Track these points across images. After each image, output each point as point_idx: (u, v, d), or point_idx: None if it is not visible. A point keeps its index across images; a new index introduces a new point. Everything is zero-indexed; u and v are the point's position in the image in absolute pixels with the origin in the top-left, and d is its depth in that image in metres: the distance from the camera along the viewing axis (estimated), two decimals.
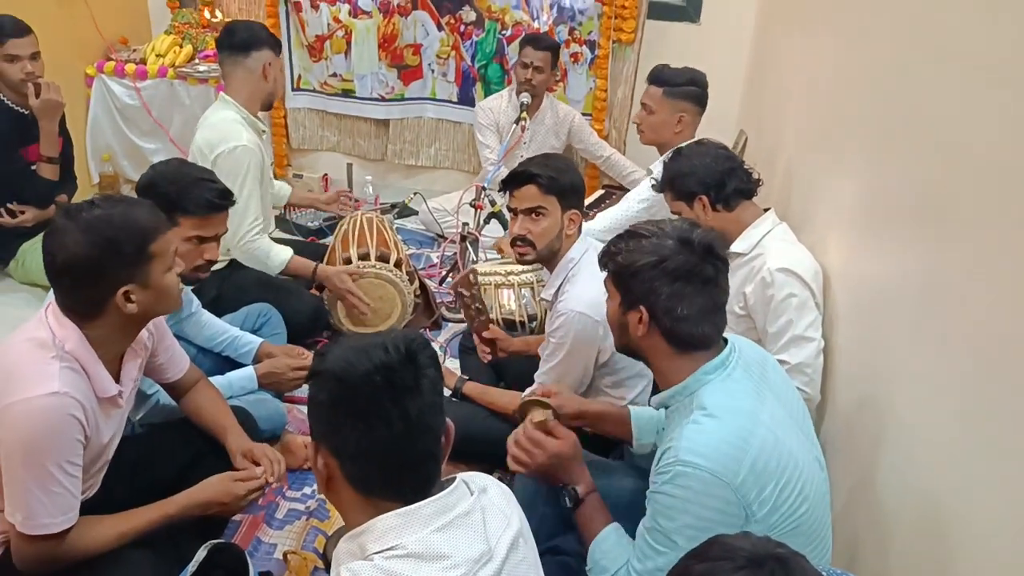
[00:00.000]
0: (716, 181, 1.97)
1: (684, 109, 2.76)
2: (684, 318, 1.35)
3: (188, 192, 1.90)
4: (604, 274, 1.47)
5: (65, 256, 1.39)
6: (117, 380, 1.55)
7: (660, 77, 2.77)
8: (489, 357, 2.32)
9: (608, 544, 1.46)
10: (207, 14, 3.86)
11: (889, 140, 1.67)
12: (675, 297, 1.34)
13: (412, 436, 1.01)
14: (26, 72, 2.80)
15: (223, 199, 1.96)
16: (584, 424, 1.70)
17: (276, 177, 4.02)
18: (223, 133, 2.51)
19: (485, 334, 2.30)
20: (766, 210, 2.05)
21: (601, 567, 1.43)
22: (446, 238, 3.47)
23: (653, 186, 2.34)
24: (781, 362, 1.79)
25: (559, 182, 1.95)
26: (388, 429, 1.00)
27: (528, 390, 2.04)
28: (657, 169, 2.53)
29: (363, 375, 1.00)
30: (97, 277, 1.42)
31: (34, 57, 2.84)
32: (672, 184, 2.05)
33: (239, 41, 2.62)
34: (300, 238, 3.40)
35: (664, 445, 1.35)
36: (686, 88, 2.76)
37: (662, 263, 1.35)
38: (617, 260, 1.41)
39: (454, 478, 1.07)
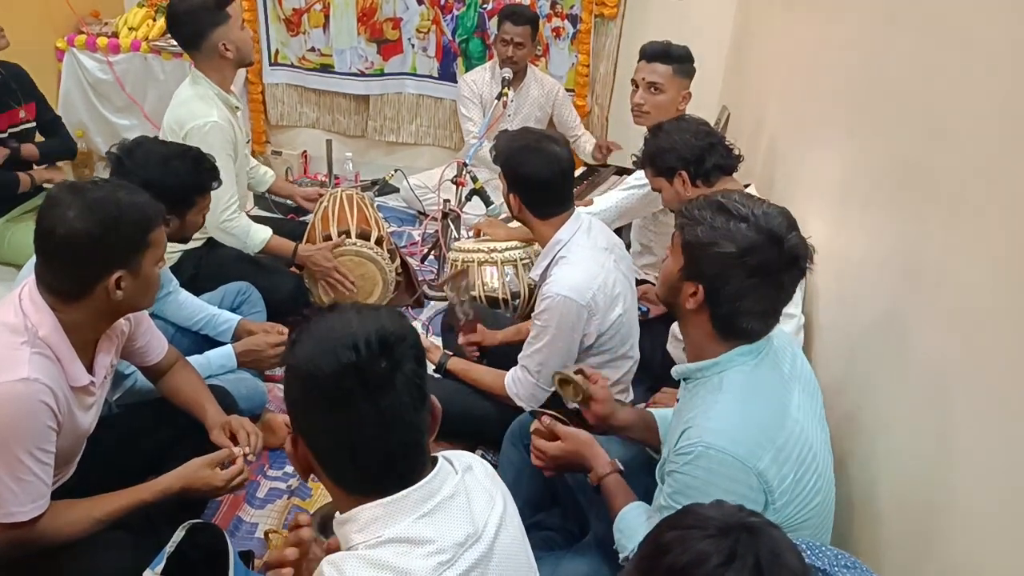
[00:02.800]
0: (695, 156, 1.96)
1: (686, 86, 2.71)
2: (742, 312, 1.29)
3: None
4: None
5: (66, 230, 1.37)
6: (91, 368, 1.52)
7: (669, 54, 2.65)
8: (477, 354, 2.30)
9: (625, 522, 1.44)
10: None
11: (870, 116, 1.66)
12: (743, 291, 1.27)
13: (387, 434, 0.97)
14: None
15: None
16: (608, 432, 1.66)
17: (255, 155, 3.98)
18: (193, 110, 2.46)
19: (470, 337, 2.28)
20: (747, 186, 2.04)
21: (622, 545, 1.42)
22: (427, 215, 3.44)
23: (634, 162, 2.32)
24: None
25: (501, 156, 1.99)
26: (360, 430, 0.96)
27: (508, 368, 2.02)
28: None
29: (332, 376, 0.94)
30: (94, 256, 1.40)
31: None
32: (652, 160, 2.04)
33: (184, 39, 2.53)
34: (279, 215, 3.36)
35: (684, 422, 1.31)
36: (690, 66, 2.69)
37: (744, 256, 1.25)
38: (697, 232, 1.30)
39: (436, 458, 1.05)
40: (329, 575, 0.95)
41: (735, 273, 1.27)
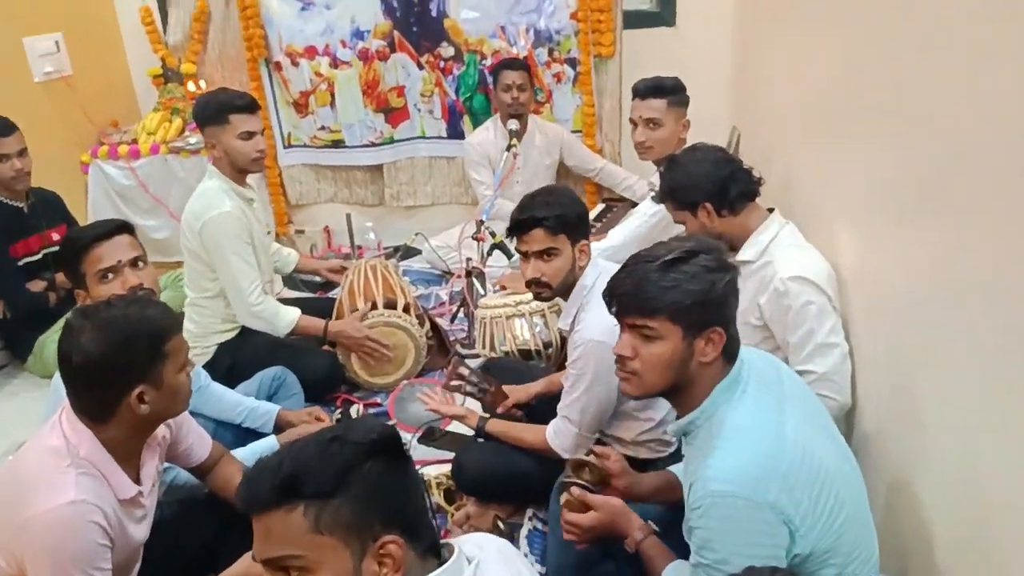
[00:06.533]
0: (718, 188, 1.91)
1: (684, 115, 2.74)
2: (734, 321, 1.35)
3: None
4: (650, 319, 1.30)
5: (81, 356, 1.41)
6: (137, 478, 1.55)
7: (661, 87, 2.70)
8: (520, 413, 2.28)
9: None
10: (191, 86, 3.91)
11: (894, 124, 1.59)
12: (736, 305, 1.34)
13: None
14: (15, 169, 2.87)
15: (111, 226, 1.96)
16: (638, 498, 1.63)
17: (279, 236, 4.07)
18: (207, 203, 2.54)
19: (505, 404, 2.27)
20: (770, 210, 2.00)
21: None
22: (453, 273, 3.46)
23: (653, 198, 2.31)
24: (808, 372, 1.75)
25: (565, 219, 1.91)
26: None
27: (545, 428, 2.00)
28: (658, 181, 2.50)
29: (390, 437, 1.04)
30: (111, 377, 1.43)
31: (21, 154, 2.90)
32: (672, 195, 1.99)
33: (195, 121, 2.68)
34: (309, 294, 3.41)
35: (691, 477, 1.31)
36: (684, 95, 2.74)
37: (735, 276, 1.33)
38: (679, 295, 1.27)
39: (451, 546, 1.07)
40: None
41: (734, 295, 1.33)
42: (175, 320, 1.54)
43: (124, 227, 1.98)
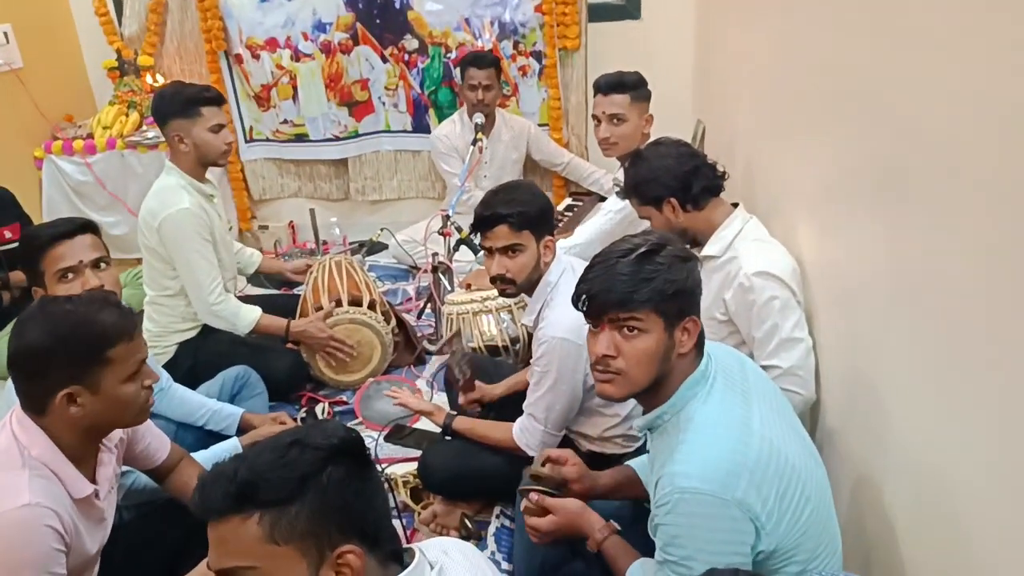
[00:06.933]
0: (681, 183, 1.91)
1: (646, 110, 2.75)
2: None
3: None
4: (637, 313, 1.28)
5: (19, 345, 1.40)
6: (93, 479, 1.51)
7: (623, 83, 2.71)
8: (478, 410, 2.28)
9: None
10: (149, 79, 3.82)
11: (850, 116, 1.60)
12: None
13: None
14: None
15: (74, 225, 1.90)
16: (597, 497, 1.64)
17: (242, 232, 4.00)
18: (164, 200, 2.48)
19: (469, 396, 2.26)
20: (734, 205, 2.01)
21: None
22: (419, 268, 3.43)
23: (617, 193, 2.30)
24: (773, 367, 1.76)
25: (529, 215, 1.90)
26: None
27: (526, 446, 1.98)
28: (623, 177, 2.50)
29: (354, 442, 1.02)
30: (41, 371, 1.39)
31: None
32: (637, 190, 1.99)
33: (154, 115, 2.62)
34: (273, 290, 3.35)
35: (657, 473, 1.30)
36: (645, 90, 2.75)
37: (699, 266, 1.35)
38: (662, 285, 1.26)
39: (412, 551, 1.06)
40: None
41: (699, 280, 1.34)
42: (129, 327, 1.47)
43: (88, 226, 1.93)
